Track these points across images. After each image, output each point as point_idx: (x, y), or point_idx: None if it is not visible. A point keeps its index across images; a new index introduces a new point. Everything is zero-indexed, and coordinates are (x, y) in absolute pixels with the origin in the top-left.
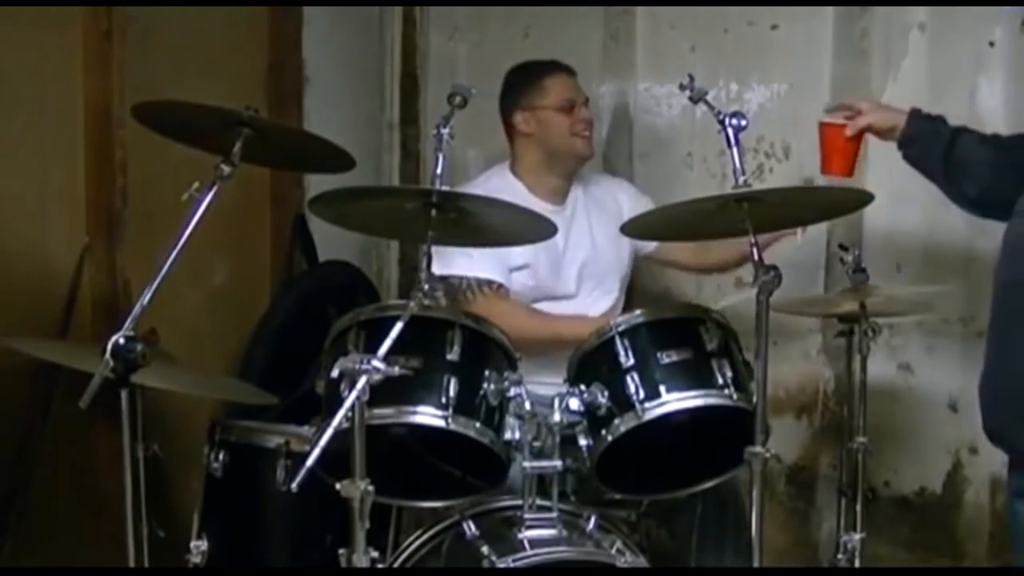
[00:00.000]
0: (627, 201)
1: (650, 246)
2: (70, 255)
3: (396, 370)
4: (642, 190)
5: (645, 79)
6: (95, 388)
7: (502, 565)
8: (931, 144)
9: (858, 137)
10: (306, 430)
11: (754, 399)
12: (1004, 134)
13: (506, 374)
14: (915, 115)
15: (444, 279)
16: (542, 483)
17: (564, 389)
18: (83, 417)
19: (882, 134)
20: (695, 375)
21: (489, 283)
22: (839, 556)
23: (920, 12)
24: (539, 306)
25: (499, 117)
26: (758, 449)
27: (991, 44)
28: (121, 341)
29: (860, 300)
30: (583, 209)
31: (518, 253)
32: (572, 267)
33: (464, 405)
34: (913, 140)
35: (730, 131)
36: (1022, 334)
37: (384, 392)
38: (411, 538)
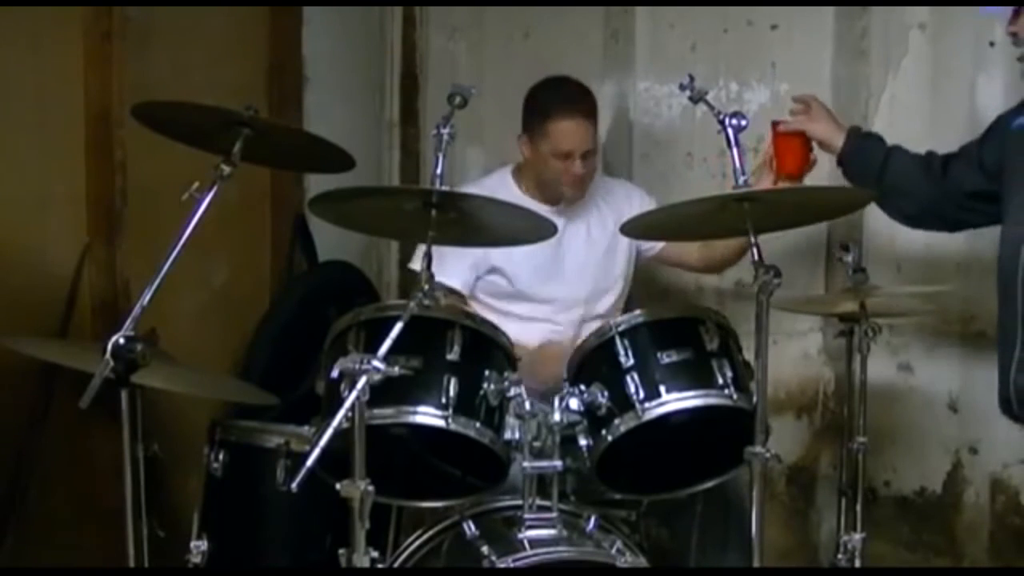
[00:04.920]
0: (638, 207)
1: (656, 247)
2: (70, 255)
3: (396, 370)
4: (648, 192)
5: (645, 79)
6: (95, 388)
7: (502, 565)
8: (864, 166)
9: (800, 135)
10: (306, 430)
11: (754, 399)
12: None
13: (506, 374)
14: (853, 134)
15: (413, 272)
16: (542, 483)
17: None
18: (83, 417)
19: (821, 145)
20: (695, 375)
21: (449, 288)
22: (839, 556)
23: (920, 12)
24: (522, 306)
25: (500, 116)
26: (758, 449)
27: (991, 44)
28: (121, 341)
29: (860, 300)
30: (581, 211)
31: (496, 255)
32: (564, 268)
33: (464, 405)
34: (850, 159)
35: (730, 131)
36: None
37: (384, 392)
38: (411, 538)
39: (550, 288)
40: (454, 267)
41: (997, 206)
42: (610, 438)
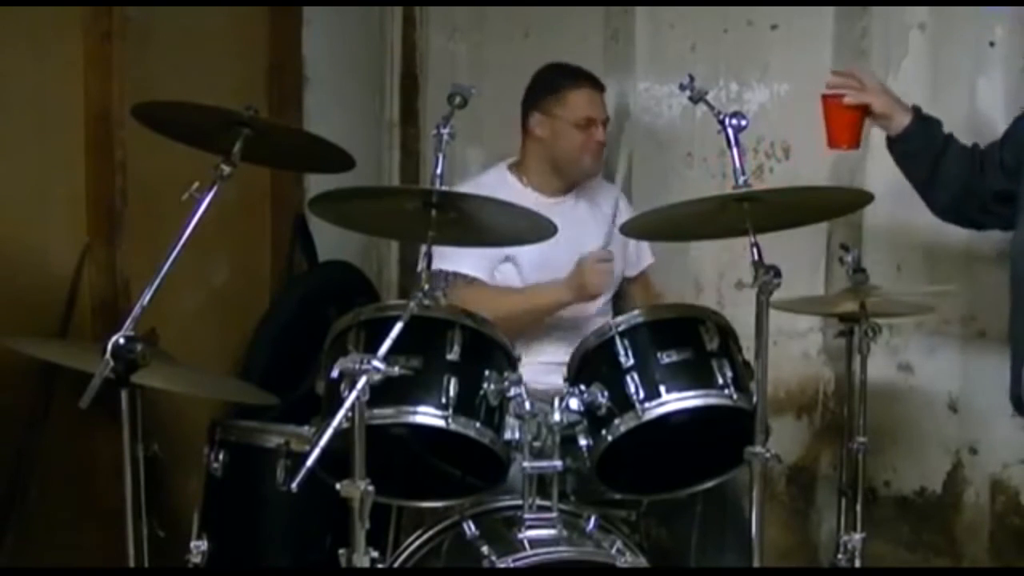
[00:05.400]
0: (622, 213)
1: (631, 272)
2: (70, 255)
3: (396, 370)
4: (633, 201)
5: (645, 79)
6: (95, 388)
7: (502, 565)
8: (926, 147)
9: (861, 108)
10: (306, 430)
11: (754, 399)
12: (983, 144)
13: (506, 374)
14: (918, 114)
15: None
16: (542, 483)
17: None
18: (83, 417)
19: (876, 118)
20: (695, 375)
21: (463, 276)
22: (839, 556)
23: (920, 12)
24: None
25: (499, 116)
26: (758, 449)
27: (991, 44)
28: (121, 341)
29: (860, 300)
30: (584, 205)
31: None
32: (565, 260)
33: (464, 405)
34: (911, 138)
35: (730, 131)
36: None
37: (384, 392)
38: (411, 538)
39: (556, 275)
40: (472, 258)
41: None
42: (610, 438)
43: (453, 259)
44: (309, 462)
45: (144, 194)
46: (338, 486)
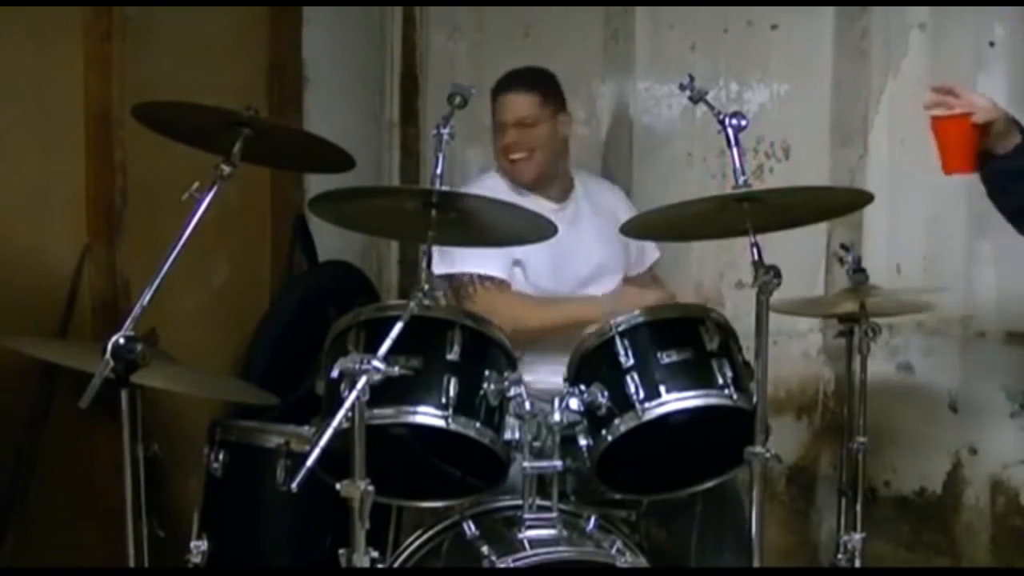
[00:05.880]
0: (623, 212)
1: (637, 271)
2: (70, 255)
3: (396, 370)
4: (633, 201)
5: (645, 79)
6: (95, 388)
7: (502, 565)
8: None
9: (980, 127)
10: (306, 430)
11: (754, 399)
12: None
13: (506, 374)
14: (1021, 128)
15: (448, 277)
16: (542, 483)
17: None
18: (83, 417)
19: (993, 137)
20: (695, 375)
21: (491, 279)
22: (839, 556)
23: (920, 12)
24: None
25: None
26: (758, 449)
27: (991, 44)
28: (121, 341)
29: (860, 300)
30: (586, 209)
31: (517, 249)
32: (575, 265)
33: (464, 405)
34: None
35: (730, 131)
36: None
37: (384, 392)
38: (411, 538)
39: (565, 281)
40: (494, 259)
41: None
42: (610, 438)
43: (476, 260)
44: (309, 462)
45: (144, 194)
46: (338, 486)
